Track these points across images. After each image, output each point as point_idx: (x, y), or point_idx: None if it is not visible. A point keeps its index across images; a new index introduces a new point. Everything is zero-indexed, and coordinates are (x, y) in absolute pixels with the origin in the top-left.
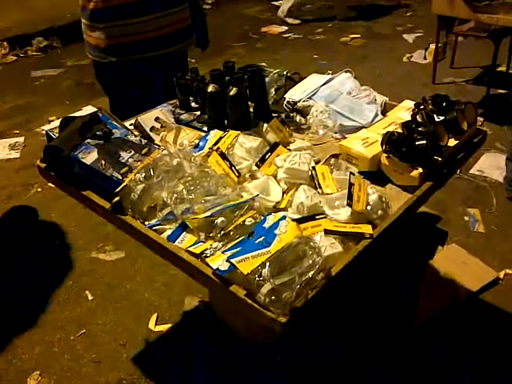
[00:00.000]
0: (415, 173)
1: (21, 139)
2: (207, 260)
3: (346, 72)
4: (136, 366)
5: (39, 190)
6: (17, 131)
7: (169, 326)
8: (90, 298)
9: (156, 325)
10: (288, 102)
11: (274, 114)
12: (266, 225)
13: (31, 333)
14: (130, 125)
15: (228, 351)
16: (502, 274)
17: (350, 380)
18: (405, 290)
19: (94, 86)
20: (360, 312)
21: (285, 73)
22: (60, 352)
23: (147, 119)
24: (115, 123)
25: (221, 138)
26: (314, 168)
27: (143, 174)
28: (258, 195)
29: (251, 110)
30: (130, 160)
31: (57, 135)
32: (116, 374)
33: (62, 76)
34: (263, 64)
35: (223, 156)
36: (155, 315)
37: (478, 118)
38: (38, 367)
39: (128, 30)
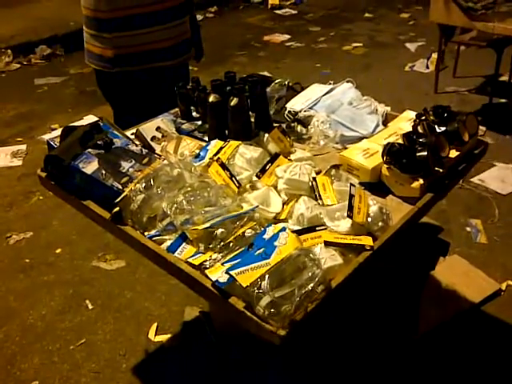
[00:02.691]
0: (416, 184)
1: (23, 147)
2: (206, 272)
3: (347, 82)
4: (135, 376)
5: (41, 197)
6: (19, 139)
7: (168, 336)
8: (90, 307)
9: (156, 335)
10: (289, 112)
11: (275, 124)
12: (266, 236)
13: (30, 342)
14: (132, 134)
15: (228, 362)
16: (504, 286)
17: None
18: (406, 301)
19: (97, 94)
20: (361, 323)
21: (286, 83)
22: (59, 362)
23: (148, 129)
24: (116, 132)
25: (221, 148)
26: (314, 179)
27: (143, 184)
28: (258, 206)
29: (252, 120)
30: (130, 170)
31: (58, 144)
32: None
33: (65, 84)
34: (265, 73)
35: (224, 166)
36: (155, 325)
37: (480, 127)
38: (38, 377)
39: (135, 41)
